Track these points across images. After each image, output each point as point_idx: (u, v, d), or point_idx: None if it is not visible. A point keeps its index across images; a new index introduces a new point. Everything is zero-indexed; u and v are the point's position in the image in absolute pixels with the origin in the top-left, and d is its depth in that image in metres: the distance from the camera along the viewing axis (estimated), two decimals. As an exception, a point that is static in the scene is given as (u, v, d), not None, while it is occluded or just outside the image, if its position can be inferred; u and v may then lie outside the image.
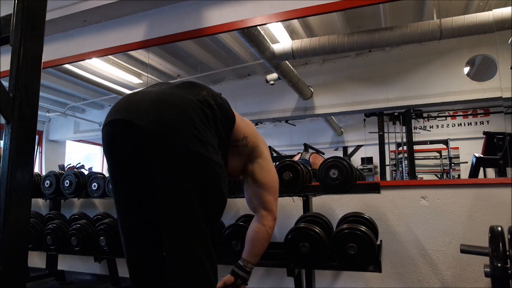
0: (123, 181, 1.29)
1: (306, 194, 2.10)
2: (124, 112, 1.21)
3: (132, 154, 1.23)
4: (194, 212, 1.18)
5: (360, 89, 5.94)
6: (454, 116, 7.72)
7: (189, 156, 1.17)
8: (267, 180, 1.56)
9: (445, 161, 7.57)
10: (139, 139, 1.18)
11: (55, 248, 2.44)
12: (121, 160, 1.27)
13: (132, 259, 1.34)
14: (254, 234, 1.55)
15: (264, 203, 1.55)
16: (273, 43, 4.60)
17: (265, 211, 1.55)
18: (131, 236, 1.32)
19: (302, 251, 1.80)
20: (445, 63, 5.47)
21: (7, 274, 0.87)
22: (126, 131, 1.20)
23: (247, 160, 1.56)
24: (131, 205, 1.29)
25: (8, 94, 0.92)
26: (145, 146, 1.19)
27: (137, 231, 1.31)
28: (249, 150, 1.54)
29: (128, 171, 1.27)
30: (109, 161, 1.29)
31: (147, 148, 1.19)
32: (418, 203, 2.31)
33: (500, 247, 1.21)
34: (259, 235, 1.54)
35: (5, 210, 0.88)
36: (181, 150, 1.16)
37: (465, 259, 2.13)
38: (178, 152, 1.17)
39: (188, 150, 1.16)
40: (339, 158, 2.01)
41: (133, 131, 1.17)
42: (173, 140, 1.16)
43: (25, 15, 0.96)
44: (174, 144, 1.16)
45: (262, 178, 1.55)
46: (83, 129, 8.40)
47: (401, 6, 4.53)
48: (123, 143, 1.23)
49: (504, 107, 3.77)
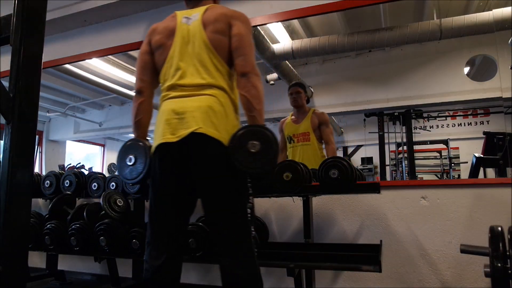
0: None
1: (306, 194, 2.10)
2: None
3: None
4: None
5: (360, 89, 5.94)
6: (454, 116, 7.71)
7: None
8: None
9: (445, 161, 7.56)
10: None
11: (54, 248, 2.44)
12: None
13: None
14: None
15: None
16: (273, 43, 4.60)
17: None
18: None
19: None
20: (445, 63, 5.47)
21: (7, 274, 0.87)
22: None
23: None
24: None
25: (8, 94, 0.93)
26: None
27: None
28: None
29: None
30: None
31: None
32: (418, 203, 2.31)
33: (500, 247, 1.21)
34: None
35: (5, 210, 0.88)
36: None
37: (465, 259, 2.13)
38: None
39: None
40: (339, 158, 2.01)
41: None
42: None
43: (25, 15, 0.96)
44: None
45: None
46: (83, 129, 8.40)
47: (401, 6, 4.53)
48: None
49: (504, 107, 3.77)
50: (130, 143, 1.60)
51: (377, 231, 2.35)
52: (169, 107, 1.46)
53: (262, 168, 1.38)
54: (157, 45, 1.56)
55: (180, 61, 1.49)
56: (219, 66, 1.48)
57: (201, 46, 1.48)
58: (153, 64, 1.60)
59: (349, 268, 1.92)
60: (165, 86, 1.53)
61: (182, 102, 1.44)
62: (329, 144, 3.06)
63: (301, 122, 3.11)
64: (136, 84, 1.64)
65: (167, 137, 1.41)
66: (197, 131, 1.37)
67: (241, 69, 1.47)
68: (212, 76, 1.46)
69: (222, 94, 1.46)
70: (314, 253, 1.99)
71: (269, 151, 1.38)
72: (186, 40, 1.50)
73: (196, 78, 1.46)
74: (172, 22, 1.57)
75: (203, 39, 1.48)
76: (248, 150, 1.36)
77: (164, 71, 1.54)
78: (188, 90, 1.46)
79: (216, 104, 1.42)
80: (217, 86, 1.46)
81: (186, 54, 1.49)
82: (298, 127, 3.11)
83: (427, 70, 5.52)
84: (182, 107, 1.42)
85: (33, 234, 2.48)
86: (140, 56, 1.63)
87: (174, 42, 1.52)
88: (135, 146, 1.58)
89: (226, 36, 1.49)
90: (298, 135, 3.10)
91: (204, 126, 1.38)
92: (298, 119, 3.14)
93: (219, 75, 1.48)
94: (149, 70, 1.61)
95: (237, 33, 1.49)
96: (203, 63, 1.47)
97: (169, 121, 1.42)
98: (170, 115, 1.43)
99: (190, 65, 1.48)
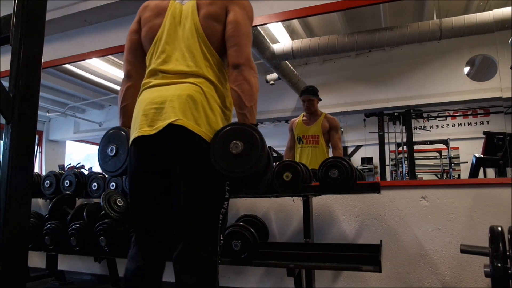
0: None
1: (306, 194, 2.10)
2: None
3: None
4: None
5: (360, 89, 5.94)
6: (454, 116, 7.71)
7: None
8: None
9: (445, 161, 7.56)
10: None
11: (54, 248, 2.44)
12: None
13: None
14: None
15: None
16: (273, 43, 4.60)
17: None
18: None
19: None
20: (445, 63, 5.47)
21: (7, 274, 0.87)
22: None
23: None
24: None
25: (8, 94, 0.93)
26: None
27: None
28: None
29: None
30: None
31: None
32: (418, 203, 2.31)
33: (500, 247, 1.21)
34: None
35: (5, 210, 0.88)
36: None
37: (465, 259, 2.13)
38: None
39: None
40: (339, 158, 2.01)
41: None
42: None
43: (25, 15, 0.96)
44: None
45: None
46: (83, 129, 8.40)
47: (401, 6, 4.53)
48: None
49: (504, 107, 3.76)
50: (112, 132, 1.49)
51: (377, 231, 2.35)
52: (148, 96, 1.33)
53: (242, 172, 1.23)
54: (145, 22, 1.43)
55: (166, 44, 1.36)
56: (208, 54, 1.34)
57: (191, 30, 1.34)
58: (141, 44, 1.46)
59: (349, 268, 1.92)
60: (148, 70, 1.40)
61: (161, 91, 1.31)
62: (336, 149, 3.17)
63: (312, 124, 3.21)
64: (124, 67, 1.52)
65: (144, 130, 1.28)
66: (175, 123, 1.23)
67: (234, 60, 1.32)
68: (198, 64, 1.32)
69: (208, 85, 1.32)
70: (314, 253, 1.99)
71: (252, 154, 1.23)
72: (177, 21, 1.37)
73: (181, 64, 1.33)
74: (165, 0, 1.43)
75: (195, 22, 1.34)
76: (230, 151, 1.23)
77: (150, 54, 1.40)
78: (170, 77, 1.33)
79: (198, 94, 1.28)
80: (202, 76, 1.32)
81: (175, 37, 1.36)
82: (308, 129, 3.21)
83: (427, 70, 5.52)
84: (161, 96, 1.29)
85: (33, 234, 2.48)
86: (128, 36, 1.49)
87: (163, 22, 1.39)
88: (118, 135, 1.47)
89: (221, 22, 1.35)
90: (308, 136, 3.19)
91: (184, 118, 1.24)
92: (310, 121, 3.24)
93: (207, 64, 1.34)
94: (138, 51, 1.47)
95: (233, 20, 1.34)
96: (191, 49, 1.33)
97: (147, 112, 1.29)
98: (148, 105, 1.30)
99: (176, 49, 1.35)
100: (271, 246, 2.21)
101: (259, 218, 2.36)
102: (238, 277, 2.58)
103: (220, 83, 1.37)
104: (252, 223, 2.28)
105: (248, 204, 2.61)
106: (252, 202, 2.59)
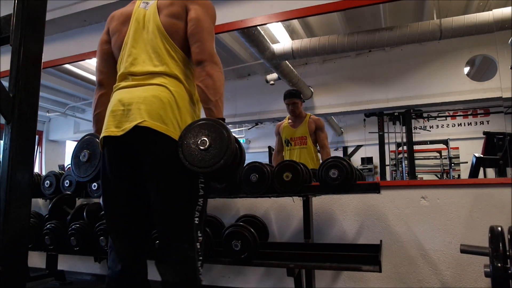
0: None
1: (306, 194, 2.10)
2: None
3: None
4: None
5: (360, 89, 5.94)
6: (454, 116, 7.71)
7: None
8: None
9: (445, 161, 7.57)
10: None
11: (54, 248, 2.44)
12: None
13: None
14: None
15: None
16: (273, 43, 4.60)
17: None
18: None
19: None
20: (445, 63, 5.47)
21: (7, 274, 0.87)
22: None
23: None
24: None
25: (8, 94, 0.93)
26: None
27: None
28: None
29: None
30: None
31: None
32: (418, 203, 2.31)
33: (500, 247, 1.21)
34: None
35: (5, 210, 0.88)
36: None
37: (465, 259, 2.13)
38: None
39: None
40: (339, 158, 2.01)
41: None
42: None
43: (25, 15, 0.96)
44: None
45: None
46: (83, 129, 8.39)
47: (401, 6, 4.53)
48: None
49: (504, 107, 3.76)
50: (86, 138, 1.51)
51: (377, 231, 2.35)
52: (116, 97, 1.35)
53: (210, 167, 1.23)
54: (114, 32, 1.48)
55: (132, 48, 1.39)
56: (172, 52, 1.37)
57: (154, 31, 1.38)
58: (112, 53, 1.50)
59: (349, 268, 1.92)
60: (118, 75, 1.43)
61: (130, 93, 1.33)
62: (324, 149, 3.23)
63: (298, 126, 3.26)
64: (96, 76, 1.56)
65: (111, 130, 1.30)
66: (141, 124, 1.25)
67: (196, 56, 1.35)
68: (164, 63, 1.35)
69: (175, 83, 1.34)
70: (314, 253, 1.99)
71: (219, 148, 1.23)
72: (142, 25, 1.41)
73: (148, 65, 1.35)
74: (130, 7, 1.48)
75: (156, 23, 1.38)
76: (198, 147, 1.24)
77: (120, 60, 1.44)
78: (138, 79, 1.35)
79: (164, 94, 1.30)
80: (170, 74, 1.35)
81: (140, 40, 1.39)
82: (295, 131, 3.26)
83: (427, 70, 5.52)
84: (129, 97, 1.31)
85: (33, 234, 2.48)
86: (99, 47, 1.54)
87: (129, 28, 1.43)
88: (91, 141, 1.48)
89: (182, 21, 1.39)
90: (295, 138, 3.25)
91: (149, 119, 1.25)
92: (295, 123, 3.29)
93: (173, 62, 1.37)
94: (109, 61, 1.52)
95: (194, 18, 1.37)
96: (156, 49, 1.36)
97: (115, 113, 1.31)
98: (115, 106, 1.32)
99: (142, 52, 1.38)
100: (271, 246, 2.21)
101: (259, 218, 2.36)
102: (238, 277, 2.59)
103: (187, 80, 1.40)
104: (252, 223, 2.27)
105: (248, 204, 2.61)
106: (252, 202, 2.59)
